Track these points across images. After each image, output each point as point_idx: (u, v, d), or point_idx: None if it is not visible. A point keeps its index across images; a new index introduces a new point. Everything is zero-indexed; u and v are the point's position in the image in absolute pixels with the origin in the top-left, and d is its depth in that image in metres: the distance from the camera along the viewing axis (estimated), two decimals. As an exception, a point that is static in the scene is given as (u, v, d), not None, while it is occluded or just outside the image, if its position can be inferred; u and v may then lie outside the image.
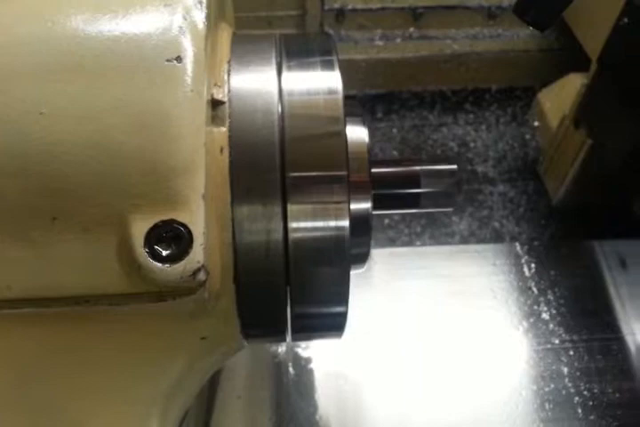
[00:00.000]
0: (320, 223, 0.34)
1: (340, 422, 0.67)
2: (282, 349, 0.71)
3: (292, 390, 0.68)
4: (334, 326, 0.39)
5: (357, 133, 0.38)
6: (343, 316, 0.37)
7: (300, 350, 0.71)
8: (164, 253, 0.28)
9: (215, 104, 0.32)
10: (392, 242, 0.91)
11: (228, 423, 0.66)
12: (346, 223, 0.34)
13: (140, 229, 0.28)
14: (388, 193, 0.41)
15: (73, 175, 0.28)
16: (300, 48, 0.37)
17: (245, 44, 0.36)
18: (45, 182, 0.28)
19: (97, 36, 0.29)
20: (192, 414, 0.64)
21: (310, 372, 0.69)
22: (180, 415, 0.42)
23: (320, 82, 0.35)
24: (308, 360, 0.70)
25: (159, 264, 0.27)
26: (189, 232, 0.28)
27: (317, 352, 0.70)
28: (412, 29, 1.10)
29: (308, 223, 0.34)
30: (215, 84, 0.32)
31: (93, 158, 0.27)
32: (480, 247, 0.83)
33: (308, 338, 0.42)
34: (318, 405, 0.67)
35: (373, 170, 0.38)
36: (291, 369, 0.69)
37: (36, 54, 0.28)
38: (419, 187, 0.41)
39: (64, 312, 0.30)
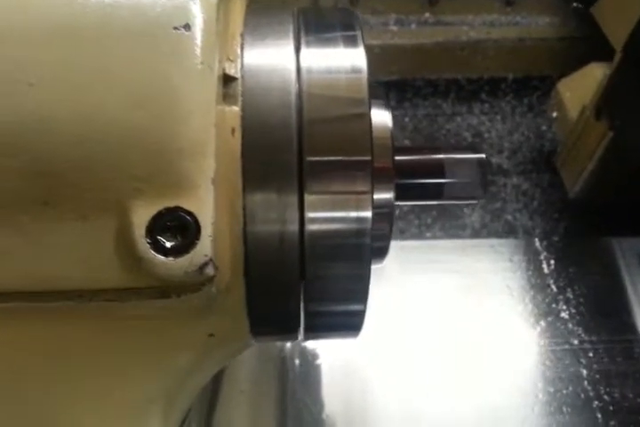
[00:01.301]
0: (340, 214, 0.31)
1: (346, 420, 0.65)
2: (288, 343, 0.69)
3: (297, 386, 0.66)
4: (351, 325, 0.36)
5: (381, 117, 0.35)
6: (361, 315, 0.35)
7: (307, 345, 0.68)
8: (168, 244, 0.25)
9: (227, 80, 0.29)
10: (401, 233, 0.89)
11: (232, 419, 0.64)
12: (368, 214, 0.31)
13: (141, 217, 0.25)
14: (409, 183, 0.38)
15: (66, 155, 0.25)
16: (320, 22, 0.34)
17: (261, 17, 0.33)
18: (35, 163, 0.25)
19: (96, 0, 0.26)
20: (195, 409, 0.62)
21: (317, 367, 0.67)
22: (182, 413, 0.40)
23: (342, 59, 0.32)
24: (315, 355, 0.68)
25: (162, 257, 0.25)
26: (196, 221, 0.25)
27: (325, 347, 0.68)
28: (427, 15, 1.07)
29: (326, 213, 0.31)
30: (227, 59, 0.29)
31: (89, 136, 0.25)
32: (496, 242, 0.80)
33: (322, 337, 0.40)
34: (325, 401, 0.65)
35: (396, 157, 0.35)
36: (297, 364, 0.67)
37: (26, 19, 0.25)
38: (443, 177, 0.39)
39: (58, 308, 0.28)
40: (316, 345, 0.68)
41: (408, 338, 0.69)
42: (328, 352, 0.68)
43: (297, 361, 0.67)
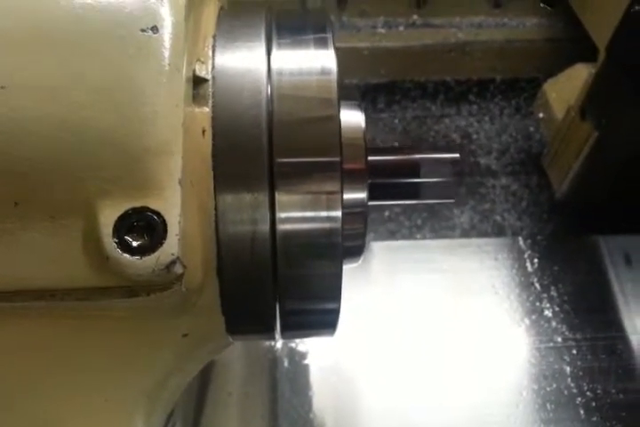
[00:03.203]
0: (310, 213, 0.32)
1: (335, 420, 0.65)
2: (276, 343, 0.69)
3: (286, 387, 0.66)
4: (326, 323, 0.36)
5: (353, 118, 0.35)
6: (335, 313, 0.35)
7: (294, 345, 0.69)
8: (135, 243, 0.25)
9: (197, 82, 0.29)
10: (392, 235, 0.89)
11: (220, 421, 0.64)
12: (338, 214, 0.32)
13: (108, 217, 0.25)
14: (385, 182, 0.39)
15: (36, 156, 0.25)
16: (292, 24, 0.34)
17: (233, 19, 0.34)
18: (5, 164, 0.25)
19: (66, 3, 0.26)
20: (182, 411, 0.62)
21: (305, 367, 0.67)
22: (165, 413, 0.40)
23: (313, 61, 0.33)
24: (303, 356, 0.68)
25: (129, 256, 0.25)
26: (163, 221, 0.25)
27: (313, 347, 0.68)
28: (415, 17, 1.07)
29: (297, 213, 0.31)
30: (198, 60, 0.30)
31: (58, 138, 0.25)
32: (482, 241, 0.80)
33: (299, 336, 0.40)
34: (313, 402, 0.65)
35: (370, 158, 0.36)
36: (285, 365, 0.67)
37: (-4, 23, 0.26)
38: (418, 176, 0.39)
39: (31, 307, 0.28)
40: (304, 346, 0.68)
41: (395, 336, 0.69)
42: (316, 353, 0.68)
43: (285, 362, 0.68)
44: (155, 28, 0.26)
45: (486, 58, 1.05)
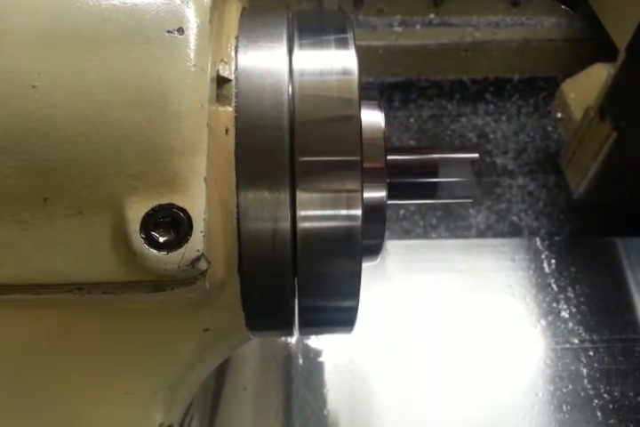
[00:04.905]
0: (331, 212, 0.32)
1: (349, 417, 0.65)
2: (292, 340, 0.69)
3: (300, 383, 0.66)
4: (344, 320, 0.37)
5: (373, 118, 0.36)
6: (353, 310, 0.35)
7: (310, 342, 0.69)
8: (162, 239, 0.26)
9: (221, 82, 0.30)
10: (407, 233, 0.89)
11: (235, 415, 0.65)
12: (358, 212, 0.32)
13: (135, 213, 0.26)
14: (403, 182, 0.39)
15: (64, 153, 0.26)
16: (313, 25, 0.35)
17: (255, 20, 0.34)
18: (35, 161, 0.26)
19: (94, 5, 0.27)
20: (198, 405, 0.63)
21: (320, 364, 0.68)
22: (184, 405, 0.41)
23: (334, 61, 0.33)
24: (318, 353, 0.69)
25: (155, 251, 0.26)
26: (189, 218, 0.26)
27: (328, 345, 0.69)
28: (432, 16, 1.07)
29: (317, 211, 0.32)
30: (221, 61, 0.30)
31: (86, 136, 0.26)
32: (498, 241, 0.80)
33: (317, 333, 0.41)
34: (327, 399, 0.66)
35: (389, 157, 0.36)
36: (300, 361, 0.68)
37: (28, 23, 0.27)
38: (436, 176, 0.39)
39: (58, 300, 0.29)
40: (319, 343, 0.69)
41: (410, 335, 0.69)
42: (331, 350, 0.69)
43: (300, 359, 0.68)
44: (180, 30, 0.27)
45: (503, 57, 1.05)
